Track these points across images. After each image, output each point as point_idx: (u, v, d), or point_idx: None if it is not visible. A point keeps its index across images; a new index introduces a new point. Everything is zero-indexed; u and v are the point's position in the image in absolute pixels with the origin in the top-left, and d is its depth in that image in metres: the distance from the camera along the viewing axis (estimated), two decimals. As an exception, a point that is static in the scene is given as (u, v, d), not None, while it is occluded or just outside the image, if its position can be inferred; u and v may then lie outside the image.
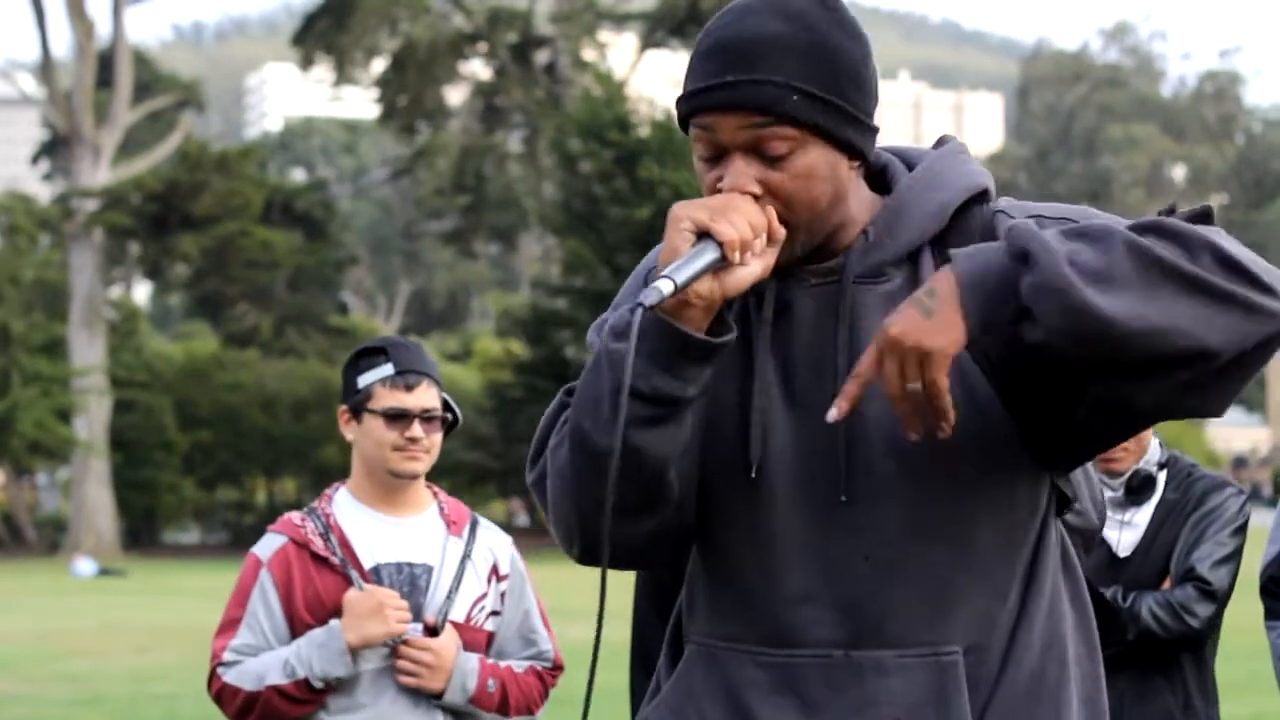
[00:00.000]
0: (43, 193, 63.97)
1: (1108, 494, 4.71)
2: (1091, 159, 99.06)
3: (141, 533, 49.23)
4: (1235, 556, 4.71)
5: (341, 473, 4.55)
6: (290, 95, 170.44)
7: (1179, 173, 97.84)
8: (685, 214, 2.27)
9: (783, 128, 2.31)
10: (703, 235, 2.26)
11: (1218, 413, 2.36)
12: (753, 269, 2.29)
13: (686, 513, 2.41)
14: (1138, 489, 4.72)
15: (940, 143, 2.57)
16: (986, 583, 2.39)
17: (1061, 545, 2.51)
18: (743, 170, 2.32)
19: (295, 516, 4.19)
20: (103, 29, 78.67)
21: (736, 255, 2.25)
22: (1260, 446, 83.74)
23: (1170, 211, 2.33)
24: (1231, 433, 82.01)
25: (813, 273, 2.41)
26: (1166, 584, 4.68)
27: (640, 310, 2.22)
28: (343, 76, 53.70)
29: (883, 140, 2.53)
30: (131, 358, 49.60)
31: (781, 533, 2.39)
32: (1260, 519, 4.53)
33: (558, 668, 4.31)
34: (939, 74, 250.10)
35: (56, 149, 56.88)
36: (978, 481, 2.37)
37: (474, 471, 47.07)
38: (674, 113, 2.43)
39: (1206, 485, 4.79)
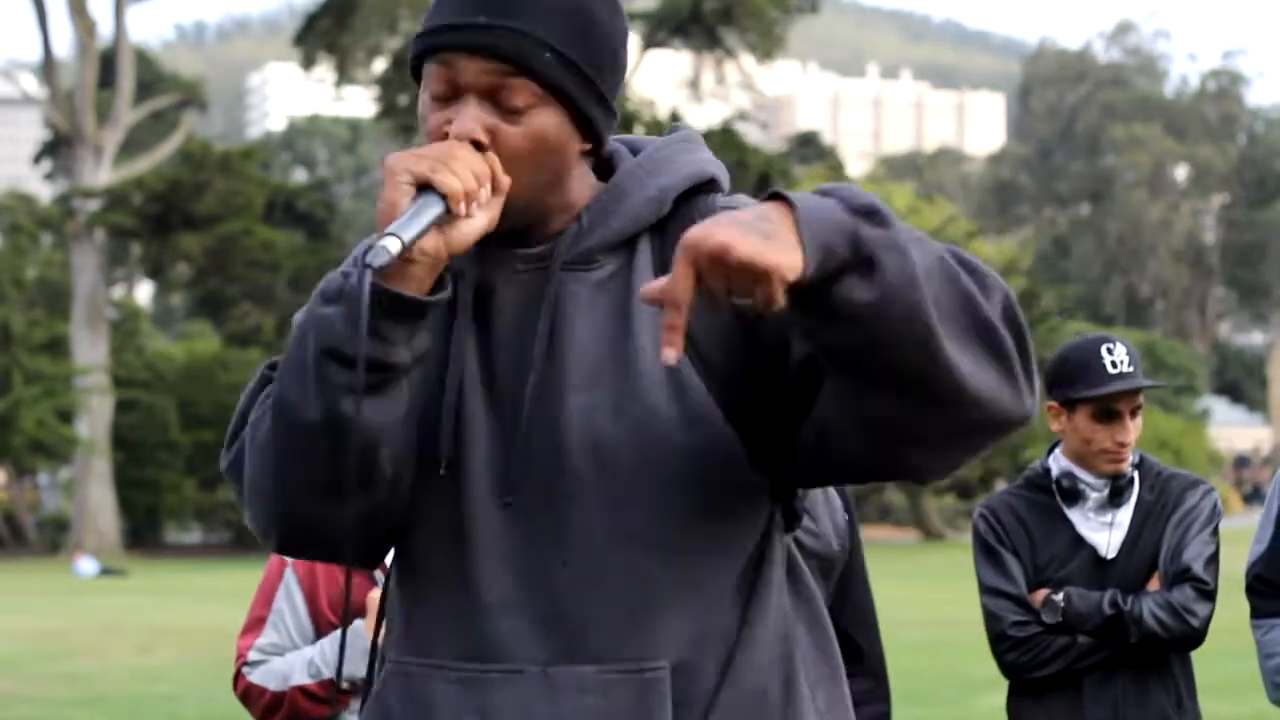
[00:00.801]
0: (44, 192, 63.97)
1: (1093, 495, 4.71)
2: (1094, 159, 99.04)
3: (143, 532, 49.23)
4: (1218, 554, 4.72)
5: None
6: (292, 95, 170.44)
7: (1181, 172, 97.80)
8: (402, 166, 2.11)
9: (528, 83, 2.19)
10: (423, 188, 2.11)
11: (925, 480, 2.24)
12: (478, 222, 2.14)
13: (399, 499, 2.23)
14: (1121, 489, 4.71)
15: (671, 131, 2.42)
16: (697, 594, 2.23)
17: (790, 564, 2.35)
18: (475, 114, 2.19)
19: None
20: (104, 28, 78.76)
21: (462, 207, 2.11)
22: (1262, 446, 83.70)
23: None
24: (1233, 432, 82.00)
25: (519, 258, 2.26)
26: (1154, 584, 4.68)
27: (368, 272, 2.05)
28: (344, 76, 53.66)
29: (883, 140, 2.46)
30: (133, 357, 49.63)
31: (478, 536, 2.22)
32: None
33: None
34: (941, 74, 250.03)
35: (58, 149, 56.82)
36: (687, 486, 2.21)
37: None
38: (678, 111, 2.35)
39: (1181, 484, 4.77)
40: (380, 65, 53.96)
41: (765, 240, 1.94)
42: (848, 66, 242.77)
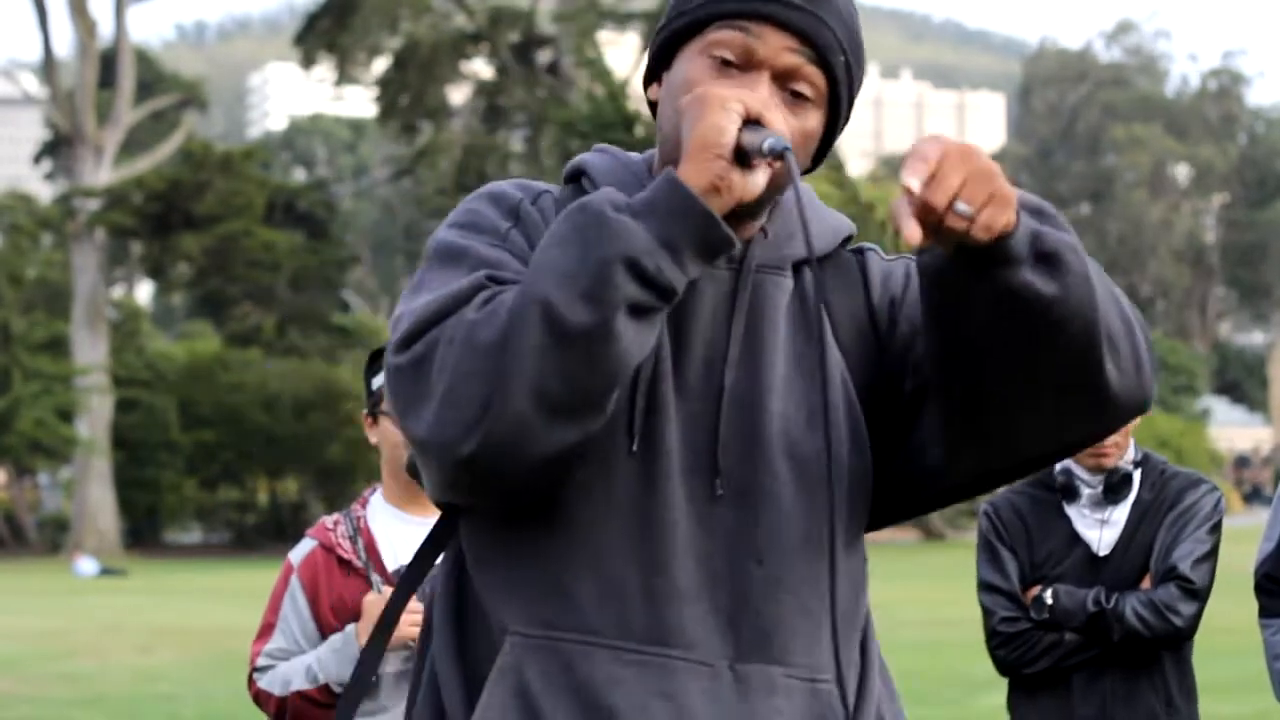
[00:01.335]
0: (45, 192, 64.00)
1: (1086, 492, 4.72)
2: (1094, 159, 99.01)
3: (143, 532, 49.21)
4: (1214, 554, 4.71)
5: (344, 472, 4.56)
6: (292, 94, 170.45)
7: (1182, 172, 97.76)
8: (733, 95, 2.07)
9: (821, 74, 2.19)
10: (750, 123, 2.06)
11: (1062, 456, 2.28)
12: (760, 180, 2.08)
13: (583, 459, 2.13)
14: (1116, 486, 4.71)
15: None
16: (849, 612, 2.27)
17: None
18: (769, 91, 2.17)
19: (329, 520, 4.23)
20: (105, 28, 78.75)
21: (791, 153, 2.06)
22: (1262, 446, 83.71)
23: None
24: (1234, 432, 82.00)
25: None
26: (1146, 583, 4.68)
27: (789, 154, 2.01)
28: (345, 76, 53.66)
29: (884, 140, 2.47)
30: (133, 357, 49.62)
31: (663, 520, 2.16)
32: (1262, 518, 4.52)
33: None
34: (941, 74, 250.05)
35: (59, 148, 56.84)
36: (853, 506, 2.26)
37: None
38: None
39: (1182, 483, 4.77)
40: (381, 65, 53.96)
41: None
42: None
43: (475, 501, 2.20)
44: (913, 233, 1.92)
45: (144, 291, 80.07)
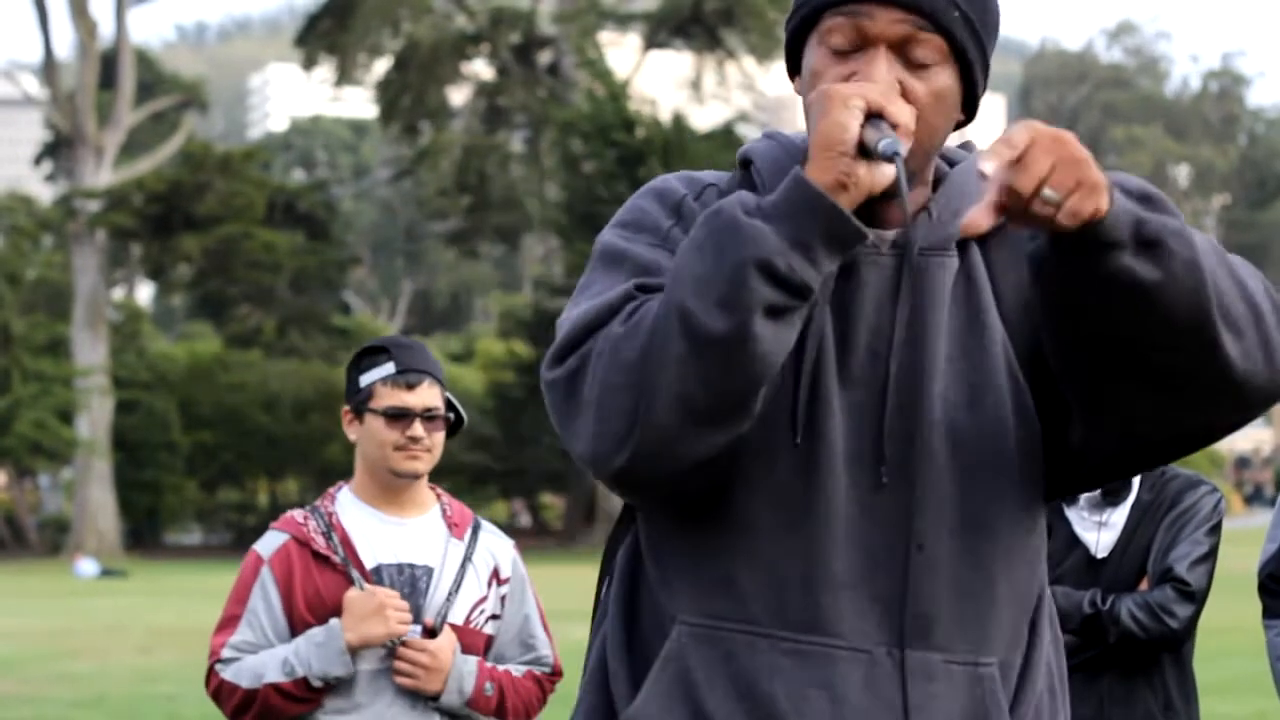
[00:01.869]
0: (45, 194, 63.98)
1: (1085, 494, 4.70)
2: (1095, 159, 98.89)
3: (144, 533, 49.23)
4: (1212, 555, 4.70)
5: (344, 473, 4.56)
6: (293, 96, 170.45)
7: (1182, 173, 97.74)
8: (853, 90, 2.10)
9: (938, 36, 2.20)
10: (872, 117, 2.09)
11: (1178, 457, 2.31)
12: (889, 171, 2.10)
13: (740, 452, 2.17)
14: (1115, 489, 4.70)
15: (967, 146, 2.47)
16: (1016, 592, 2.27)
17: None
18: (887, 68, 2.19)
19: (298, 514, 4.17)
20: (105, 30, 78.67)
21: (906, 142, 2.10)
22: (1263, 447, 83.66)
23: None
24: (1234, 434, 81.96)
25: (879, 239, 2.24)
26: (1144, 584, 4.67)
27: (899, 158, 2.05)
28: (345, 77, 53.65)
29: None
30: (134, 358, 49.62)
31: (824, 510, 2.19)
32: (1262, 519, 4.53)
33: (556, 673, 4.27)
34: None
35: (59, 150, 56.84)
36: (1022, 483, 2.25)
37: (476, 472, 47.05)
38: (680, 112, 2.35)
39: (1181, 484, 4.76)
40: (381, 66, 53.97)
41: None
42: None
43: (640, 503, 2.29)
44: (974, 220, 1.96)
45: (144, 293, 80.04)
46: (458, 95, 57.28)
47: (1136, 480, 4.74)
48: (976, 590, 2.21)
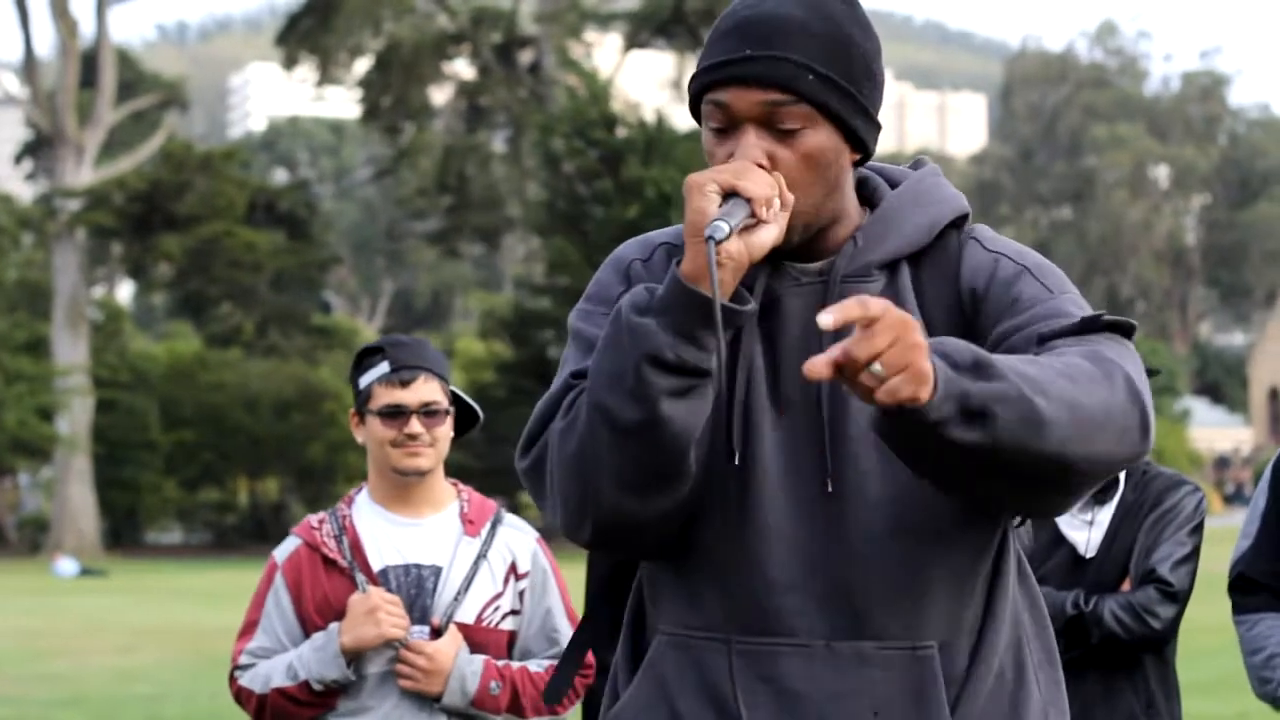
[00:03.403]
0: (25, 193, 63.80)
1: None
2: (1075, 159, 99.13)
3: (124, 533, 49.10)
4: (1194, 556, 4.71)
5: (325, 473, 4.56)
6: (274, 95, 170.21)
7: (1162, 173, 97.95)
8: (708, 178, 2.32)
9: (797, 105, 2.40)
10: (728, 196, 2.31)
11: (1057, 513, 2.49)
12: (771, 231, 2.34)
13: (691, 494, 2.42)
14: (1103, 488, 4.70)
15: (917, 164, 2.64)
16: (957, 581, 2.47)
17: (1018, 555, 2.60)
18: (754, 142, 2.40)
19: (314, 519, 4.21)
20: (86, 28, 78.60)
21: (764, 210, 2.31)
22: (1243, 447, 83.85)
23: (1095, 319, 2.40)
24: (1214, 433, 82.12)
25: (802, 271, 2.48)
26: (1126, 585, 4.67)
27: (713, 244, 2.25)
28: (326, 76, 53.59)
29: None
30: (114, 357, 49.48)
31: (765, 523, 2.43)
32: (1242, 518, 4.52)
33: (586, 666, 4.24)
34: (923, 74, 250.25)
35: (39, 149, 56.73)
36: None
37: (456, 471, 46.30)
38: (661, 112, 2.47)
39: (1163, 484, 4.77)
40: (362, 66, 53.91)
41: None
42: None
43: (625, 557, 2.60)
44: (813, 367, 2.09)
45: (125, 292, 79.91)
46: (439, 95, 57.24)
47: (1122, 477, 4.74)
48: (908, 583, 2.42)
